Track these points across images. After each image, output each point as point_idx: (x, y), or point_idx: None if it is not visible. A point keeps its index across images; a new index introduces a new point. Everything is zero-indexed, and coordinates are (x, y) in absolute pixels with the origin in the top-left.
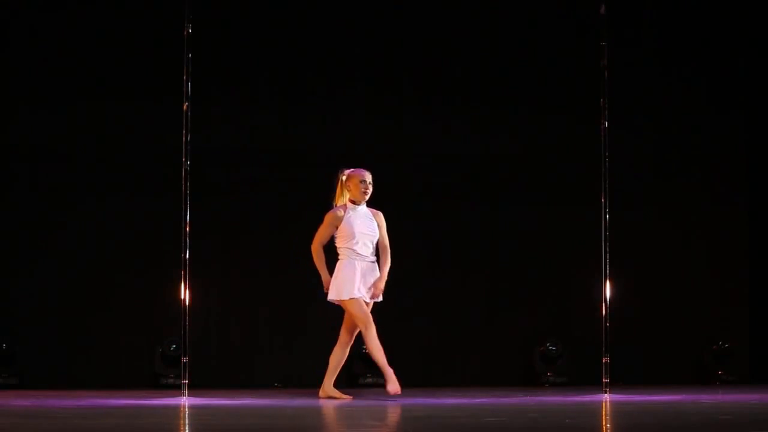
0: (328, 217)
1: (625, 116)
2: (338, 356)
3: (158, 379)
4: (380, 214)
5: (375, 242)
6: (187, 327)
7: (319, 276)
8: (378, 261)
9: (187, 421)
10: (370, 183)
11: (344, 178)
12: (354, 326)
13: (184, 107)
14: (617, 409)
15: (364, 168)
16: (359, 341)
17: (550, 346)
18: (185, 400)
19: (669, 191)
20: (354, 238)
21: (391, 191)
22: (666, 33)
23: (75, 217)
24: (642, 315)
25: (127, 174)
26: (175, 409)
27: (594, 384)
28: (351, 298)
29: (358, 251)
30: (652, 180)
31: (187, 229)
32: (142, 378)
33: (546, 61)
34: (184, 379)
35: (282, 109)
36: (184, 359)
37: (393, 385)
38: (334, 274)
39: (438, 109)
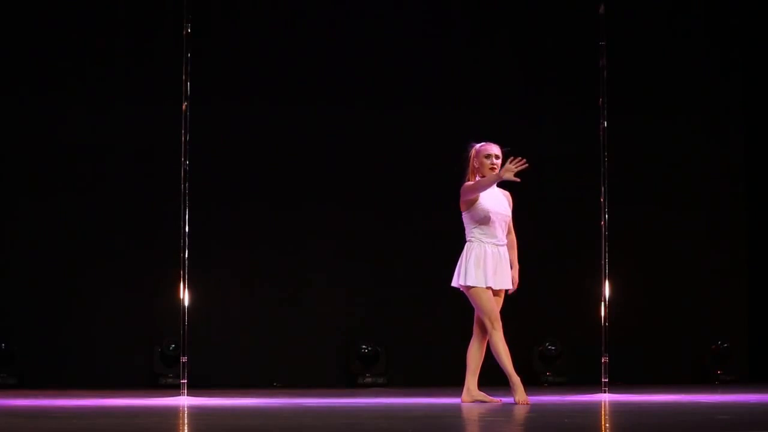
0: (465, 187)
1: (625, 115)
2: (476, 354)
3: (157, 378)
4: (510, 195)
5: (508, 224)
6: (186, 327)
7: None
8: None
9: (186, 421)
10: (498, 156)
11: (473, 153)
12: None
13: (183, 107)
14: (616, 409)
15: (493, 143)
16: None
17: (549, 345)
18: (184, 400)
19: (668, 191)
20: (486, 217)
21: (389, 190)
22: (664, 29)
23: (74, 217)
24: (641, 315)
25: (125, 174)
26: (174, 409)
27: (593, 383)
28: (478, 287)
29: (489, 234)
30: (651, 180)
31: (186, 229)
32: (141, 378)
33: (544, 60)
34: (183, 378)
35: (282, 109)
36: (183, 359)
37: (521, 396)
38: (462, 258)
39: (437, 108)
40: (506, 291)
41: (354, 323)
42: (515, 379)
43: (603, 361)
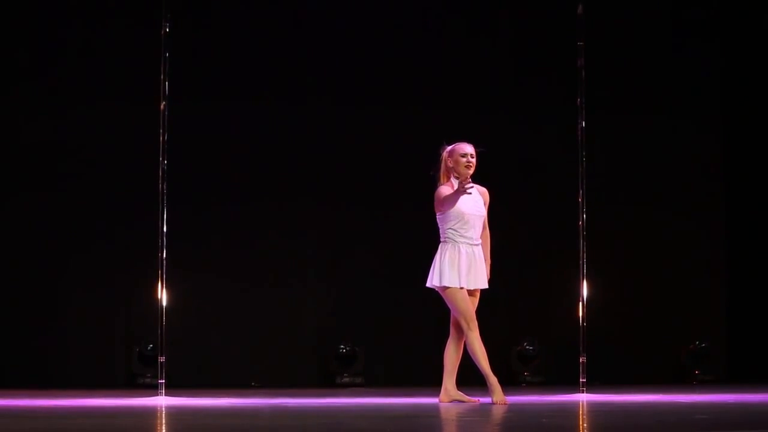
0: (440, 193)
1: (603, 115)
2: (452, 355)
3: (135, 378)
4: (486, 193)
5: (483, 222)
6: (163, 327)
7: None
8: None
9: (164, 421)
10: (472, 155)
11: (445, 154)
12: None
13: (161, 106)
14: (594, 409)
15: (467, 142)
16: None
17: (527, 345)
18: (162, 400)
19: (647, 191)
20: (461, 218)
21: (367, 190)
22: (643, 29)
23: (51, 217)
24: (619, 314)
25: (103, 173)
26: (152, 409)
27: (571, 383)
28: (453, 287)
29: (464, 234)
30: (630, 179)
31: (164, 228)
32: (119, 378)
33: (522, 60)
34: (161, 378)
35: (260, 108)
36: (161, 359)
37: (499, 396)
38: (436, 258)
39: (414, 107)
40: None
41: (332, 323)
42: (492, 380)
43: (581, 360)
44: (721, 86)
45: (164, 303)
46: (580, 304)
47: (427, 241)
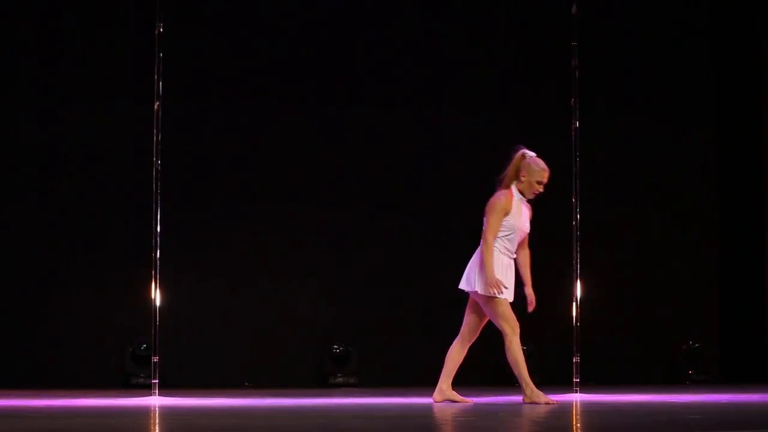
0: (497, 205)
1: (597, 115)
2: (456, 356)
3: (129, 378)
4: (530, 208)
5: (524, 239)
6: (157, 327)
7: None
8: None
9: (157, 421)
10: (544, 185)
11: (524, 161)
12: (479, 324)
13: (155, 106)
14: (588, 409)
15: (543, 162)
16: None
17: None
18: (156, 400)
19: (640, 191)
20: (514, 232)
21: (362, 191)
22: (637, 30)
23: (45, 217)
24: (613, 315)
25: (98, 173)
26: (146, 409)
27: (565, 384)
28: (503, 298)
29: (508, 246)
30: (623, 180)
31: (158, 228)
32: (112, 378)
33: (516, 61)
34: (155, 378)
35: (254, 109)
36: (155, 359)
37: (543, 398)
38: (479, 264)
39: (408, 109)
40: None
41: (326, 323)
42: (532, 386)
43: (574, 361)
44: (715, 86)
45: (158, 303)
46: (574, 304)
47: (421, 241)
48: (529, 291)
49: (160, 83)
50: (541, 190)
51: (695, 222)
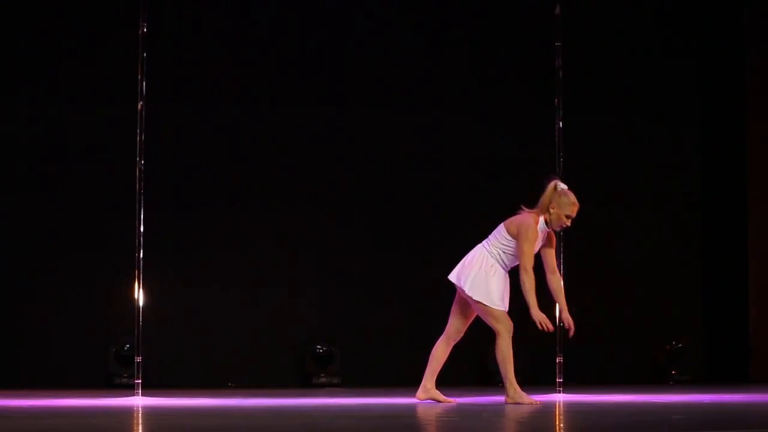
0: (530, 232)
1: (580, 115)
2: (440, 355)
3: (112, 378)
4: (554, 235)
5: (550, 264)
6: (140, 327)
7: (524, 304)
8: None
9: (140, 421)
10: (572, 220)
11: (555, 192)
12: (464, 324)
13: (139, 106)
14: (571, 409)
15: (574, 196)
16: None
17: None
18: (139, 400)
19: (623, 191)
20: (528, 255)
21: (345, 191)
22: (620, 29)
23: (27, 217)
24: (596, 315)
25: (80, 174)
26: (129, 409)
27: (547, 384)
28: (502, 309)
29: (512, 262)
30: (606, 180)
31: (141, 229)
32: (95, 378)
33: (500, 61)
34: (138, 378)
35: (237, 109)
36: (138, 359)
37: (526, 399)
38: (481, 270)
39: (391, 109)
40: None
41: (309, 323)
42: (516, 386)
43: (557, 361)
44: (697, 87)
45: (141, 303)
46: (557, 304)
47: (403, 241)
48: (566, 315)
49: (144, 83)
50: (569, 224)
51: (678, 222)
